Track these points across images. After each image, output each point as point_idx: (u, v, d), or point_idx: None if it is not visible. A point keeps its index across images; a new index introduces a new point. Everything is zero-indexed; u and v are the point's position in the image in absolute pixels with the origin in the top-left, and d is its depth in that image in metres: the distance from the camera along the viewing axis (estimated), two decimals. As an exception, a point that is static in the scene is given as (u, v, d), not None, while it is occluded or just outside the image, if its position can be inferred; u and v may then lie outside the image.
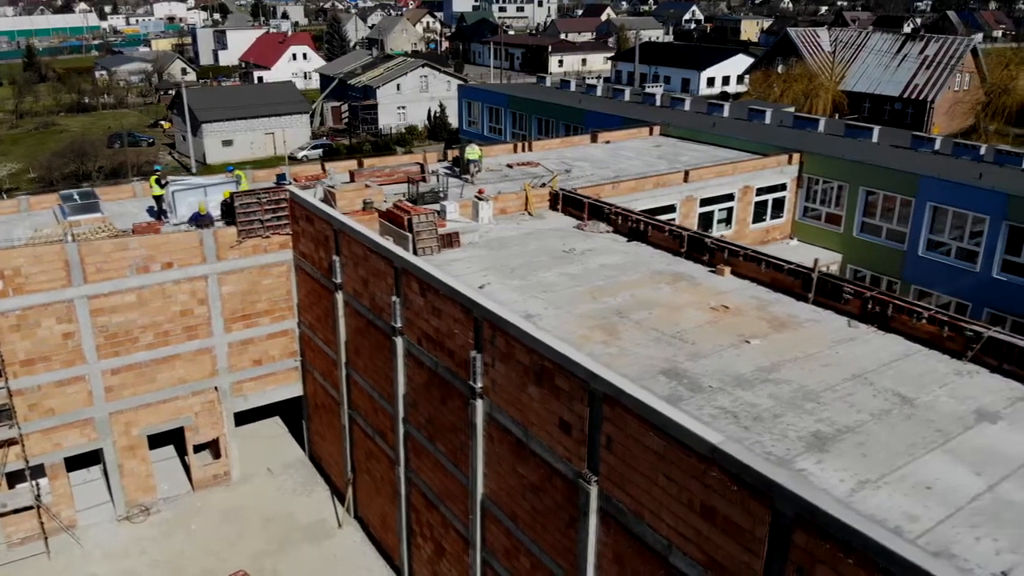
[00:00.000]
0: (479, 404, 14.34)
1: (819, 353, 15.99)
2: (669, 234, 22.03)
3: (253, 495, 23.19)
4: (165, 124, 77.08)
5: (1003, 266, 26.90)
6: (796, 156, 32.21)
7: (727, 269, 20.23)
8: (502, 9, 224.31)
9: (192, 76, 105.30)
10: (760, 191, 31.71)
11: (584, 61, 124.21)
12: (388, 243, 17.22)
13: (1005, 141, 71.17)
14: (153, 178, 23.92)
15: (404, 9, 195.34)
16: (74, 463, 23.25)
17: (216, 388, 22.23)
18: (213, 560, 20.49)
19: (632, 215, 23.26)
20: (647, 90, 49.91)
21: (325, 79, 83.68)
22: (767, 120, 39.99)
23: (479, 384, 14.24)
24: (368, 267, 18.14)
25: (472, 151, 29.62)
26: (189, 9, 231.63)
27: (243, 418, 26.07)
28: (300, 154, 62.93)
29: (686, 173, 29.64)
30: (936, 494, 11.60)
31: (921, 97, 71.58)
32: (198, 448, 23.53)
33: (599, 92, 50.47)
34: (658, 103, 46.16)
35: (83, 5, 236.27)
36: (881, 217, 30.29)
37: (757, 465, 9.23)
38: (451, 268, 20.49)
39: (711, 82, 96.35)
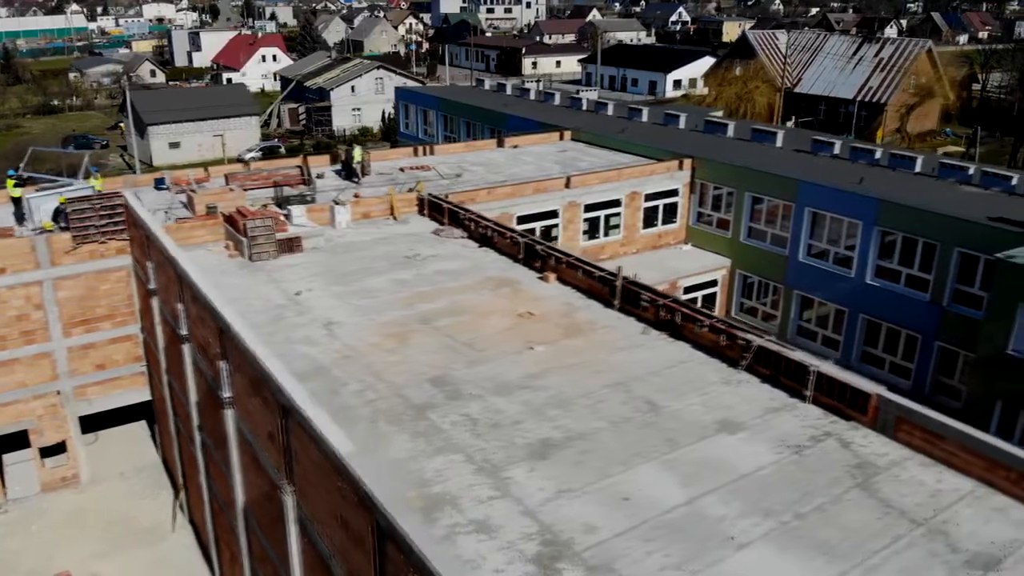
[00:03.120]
0: (229, 413, 14.40)
1: (596, 360, 16.05)
2: (511, 241, 22.07)
3: (100, 498, 23.32)
4: (123, 126, 77.28)
5: (876, 272, 26.90)
6: (688, 162, 32.21)
7: (553, 276, 20.28)
8: (490, 10, 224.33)
9: (161, 78, 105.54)
10: (649, 197, 31.70)
11: (559, 63, 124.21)
12: (174, 249, 17.26)
13: (957, 143, 71.24)
14: (11, 181, 23.96)
15: (384, 11, 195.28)
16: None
17: (59, 392, 22.32)
18: (43, 560, 20.63)
19: (483, 221, 23.28)
20: (578, 95, 49.90)
21: (284, 81, 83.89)
22: (681, 125, 39.97)
23: (227, 394, 14.29)
24: (166, 273, 18.23)
25: (356, 153, 29.71)
26: (178, 10, 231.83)
27: (108, 421, 26.15)
28: (248, 156, 63.03)
29: (568, 179, 29.66)
30: (631, 505, 11.66)
31: (875, 100, 71.53)
32: (50, 451, 23.60)
33: (532, 96, 50.46)
34: (584, 107, 46.18)
35: (74, 6, 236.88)
36: (766, 222, 30.29)
37: (365, 480, 9.24)
38: (280, 274, 20.64)
39: (677, 84, 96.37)
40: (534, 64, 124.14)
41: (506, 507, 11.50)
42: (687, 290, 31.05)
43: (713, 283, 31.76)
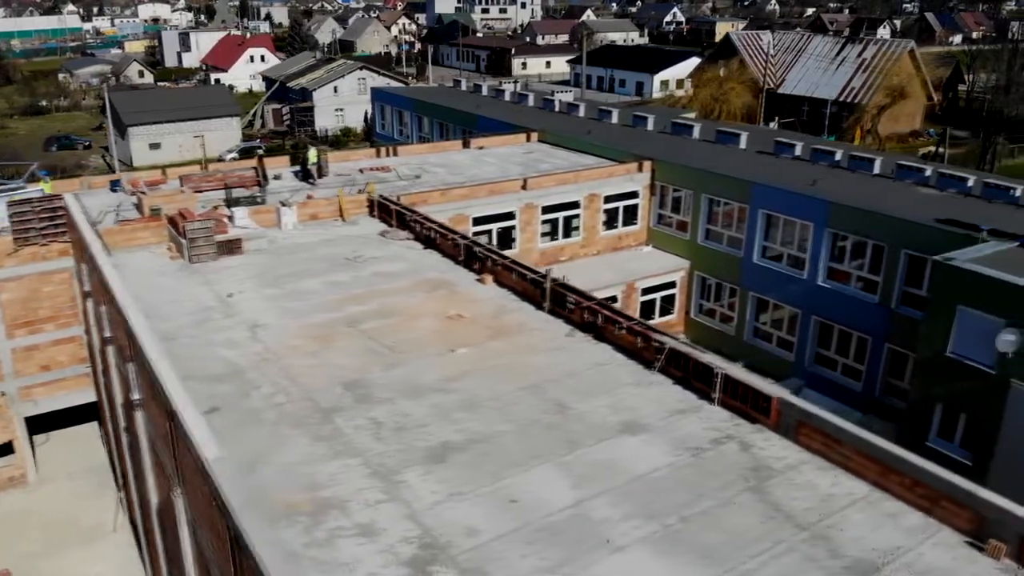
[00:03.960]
0: (139, 415, 14.46)
1: (516, 362, 16.06)
2: (452, 243, 22.10)
3: (46, 498, 23.40)
4: (106, 127, 77.34)
5: (828, 274, 26.94)
6: (648, 164, 32.24)
7: (490, 278, 20.29)
8: (485, 11, 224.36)
9: (149, 78, 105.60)
10: (609, 199, 31.73)
11: (548, 64, 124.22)
12: (99, 250, 17.31)
13: (932, 143, 71.23)
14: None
15: (380, 11, 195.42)
16: None
17: (3, 393, 22.39)
18: (-18, 561, 20.71)
19: (427, 223, 23.31)
20: (552, 96, 49.92)
21: (268, 82, 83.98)
22: (649, 127, 40.00)
23: (136, 396, 14.34)
24: (96, 275, 18.30)
25: (311, 154, 29.75)
26: (174, 10, 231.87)
27: (61, 422, 26.24)
28: (228, 156, 63.14)
29: (524, 181, 29.70)
30: (518, 508, 11.68)
31: (857, 100, 71.53)
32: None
33: (507, 97, 50.51)
34: (557, 109, 46.22)
35: (70, 7, 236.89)
36: (722, 224, 30.32)
37: (223, 486, 9.27)
38: (216, 276, 20.64)
39: (664, 85, 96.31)
40: (524, 65, 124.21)
41: (393, 510, 11.52)
42: (645, 291, 31.17)
43: (672, 285, 31.81)
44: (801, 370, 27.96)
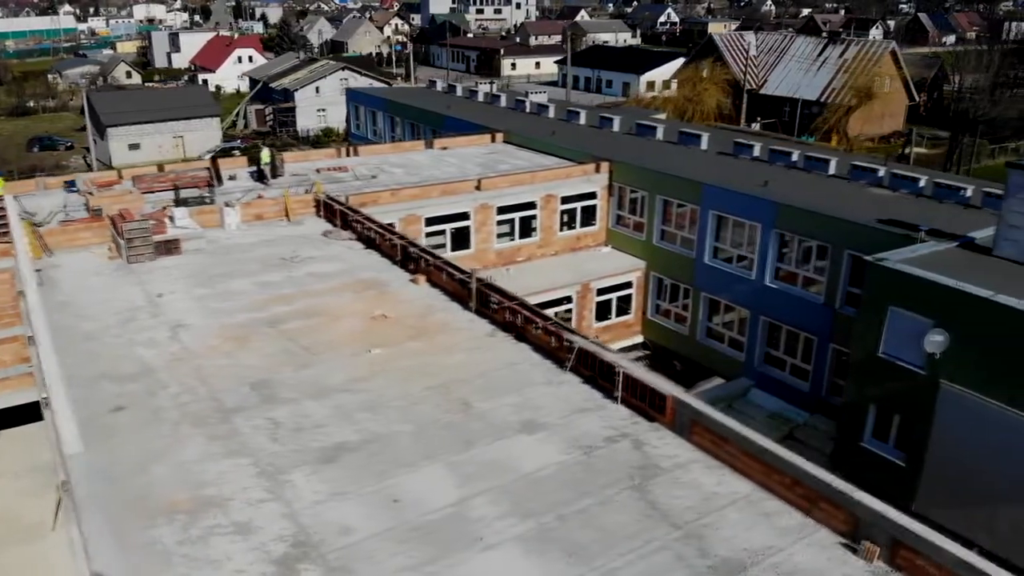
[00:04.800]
0: (47, 413, 14.54)
1: (431, 362, 16.13)
2: (389, 243, 22.18)
3: (-12, 498, 23.40)
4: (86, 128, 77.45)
5: (775, 274, 26.98)
6: (605, 165, 32.27)
7: (422, 278, 20.37)
8: (480, 11, 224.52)
9: (137, 79, 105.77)
10: (566, 199, 31.75)
11: (538, 64, 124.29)
12: (22, 251, 17.36)
13: (918, 144, 71.11)
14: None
15: (372, 11, 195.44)
16: None
17: (-57, 393, 22.44)
18: (-83, 563, 20.72)
19: (368, 223, 23.38)
20: (523, 97, 49.90)
21: (253, 82, 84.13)
22: (615, 127, 40.02)
23: (44, 395, 14.41)
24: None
25: (263, 155, 29.82)
26: (169, 11, 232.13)
27: (12, 420, 26.17)
28: (207, 156, 63.25)
29: (479, 181, 29.74)
30: (398, 507, 11.75)
31: (838, 101, 71.47)
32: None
33: (480, 98, 50.53)
34: (527, 110, 46.26)
35: (67, 7, 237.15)
36: (676, 225, 30.36)
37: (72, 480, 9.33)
38: (150, 276, 20.73)
39: (651, 85, 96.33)
40: (513, 65, 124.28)
41: (273, 509, 11.59)
42: (600, 292, 31.19)
43: (628, 285, 31.83)
44: (751, 370, 28.00)
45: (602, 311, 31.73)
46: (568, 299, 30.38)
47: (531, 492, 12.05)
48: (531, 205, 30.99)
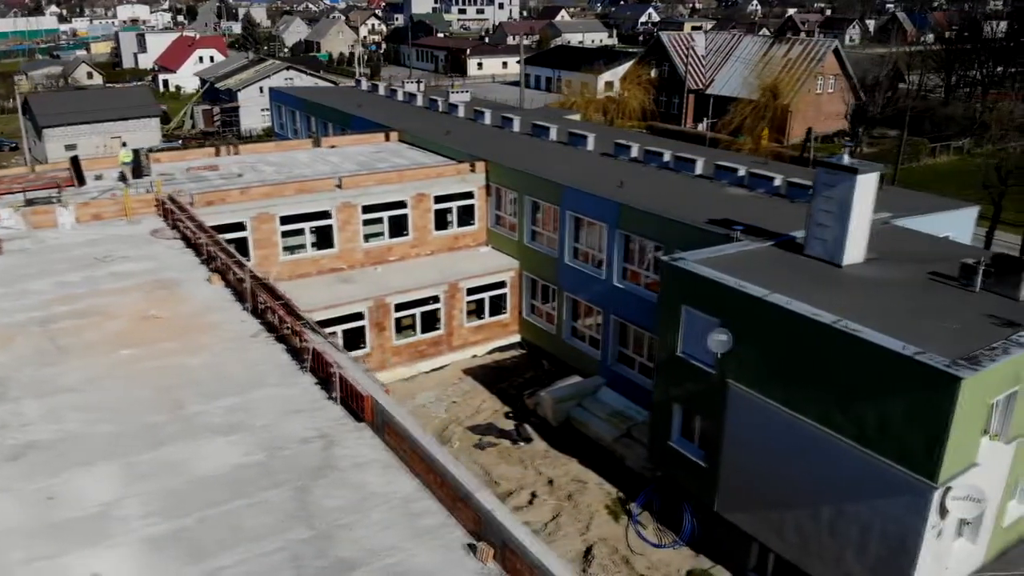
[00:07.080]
0: None
1: (175, 363, 16.11)
2: (202, 243, 22.15)
3: None
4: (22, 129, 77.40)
5: (622, 274, 26.97)
6: (482, 164, 32.25)
7: (217, 278, 20.35)
8: (462, 11, 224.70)
9: (98, 80, 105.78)
10: (440, 199, 31.72)
11: (505, 64, 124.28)
12: None
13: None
14: None
15: (347, 12, 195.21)
16: None
17: None
18: None
19: (187, 223, 23.37)
20: (435, 98, 49.86)
21: (202, 82, 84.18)
22: (515, 128, 39.98)
23: None
24: None
25: (122, 155, 29.82)
26: (152, 12, 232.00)
27: None
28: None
29: (340, 179, 29.72)
30: (49, 504, 11.83)
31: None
32: None
33: (400, 98, 50.56)
34: (440, 109, 46.28)
35: (53, 8, 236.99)
36: (543, 226, 30.36)
37: None
38: (-51, 276, 20.66)
39: (609, 85, 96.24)
40: (479, 65, 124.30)
41: (-82, 510, 11.60)
42: (471, 292, 31.17)
43: (502, 285, 31.82)
44: (605, 369, 28.01)
45: (478, 311, 31.75)
46: (435, 299, 30.37)
47: (191, 494, 12.04)
48: (401, 204, 30.95)
